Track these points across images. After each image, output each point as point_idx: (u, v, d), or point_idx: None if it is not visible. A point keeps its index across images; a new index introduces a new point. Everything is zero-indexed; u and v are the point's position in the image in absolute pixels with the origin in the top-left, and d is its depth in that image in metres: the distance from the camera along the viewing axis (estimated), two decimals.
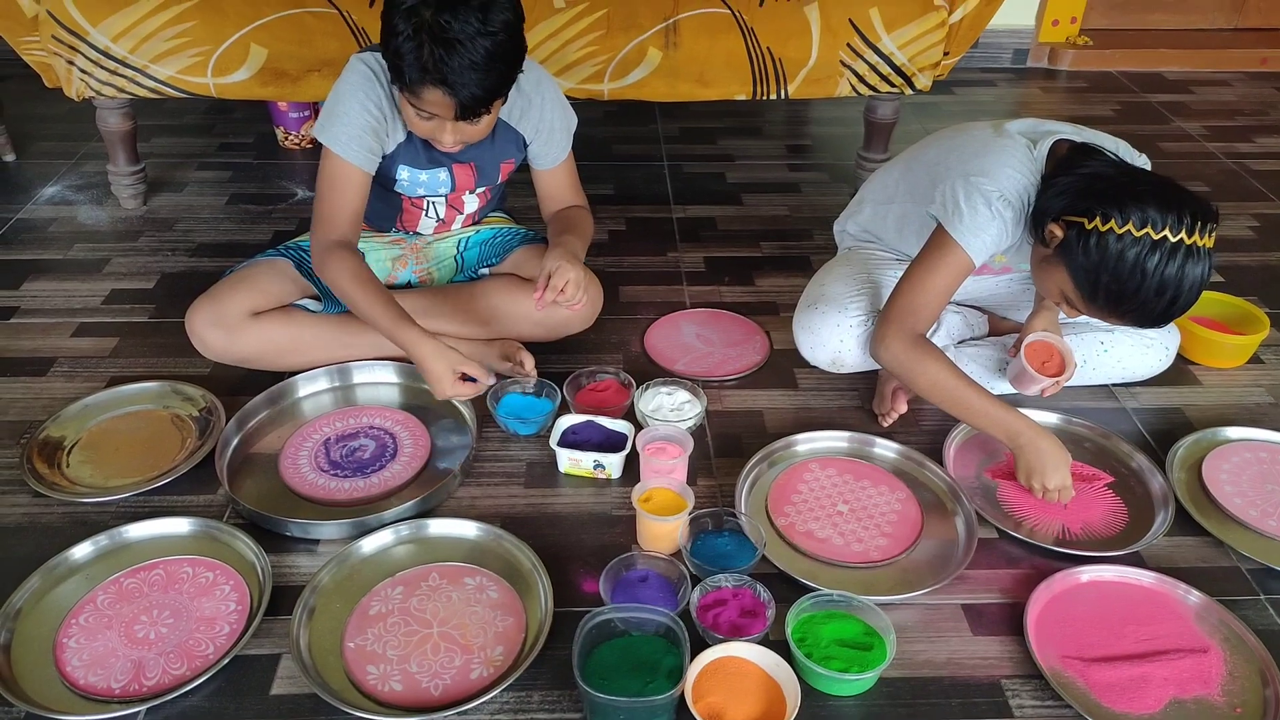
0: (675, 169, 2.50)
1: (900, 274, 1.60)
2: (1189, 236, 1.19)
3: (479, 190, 1.66)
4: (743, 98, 2.08)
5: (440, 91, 1.32)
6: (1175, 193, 1.22)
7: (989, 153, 1.40)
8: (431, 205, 1.66)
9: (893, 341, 1.43)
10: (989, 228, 1.38)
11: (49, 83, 2.03)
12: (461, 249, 1.74)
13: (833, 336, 1.59)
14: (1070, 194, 1.28)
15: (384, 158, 1.53)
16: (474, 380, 1.47)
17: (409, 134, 1.51)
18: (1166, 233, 1.19)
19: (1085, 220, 1.24)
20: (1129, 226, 1.20)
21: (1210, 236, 1.21)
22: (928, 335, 1.62)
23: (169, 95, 1.99)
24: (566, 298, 1.47)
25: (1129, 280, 1.22)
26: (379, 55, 1.41)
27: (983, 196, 1.37)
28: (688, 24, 1.97)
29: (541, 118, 1.57)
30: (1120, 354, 1.62)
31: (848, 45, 2.02)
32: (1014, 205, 1.37)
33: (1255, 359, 1.78)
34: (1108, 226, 1.21)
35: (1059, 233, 1.28)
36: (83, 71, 1.94)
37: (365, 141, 1.46)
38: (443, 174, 1.58)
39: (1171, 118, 2.91)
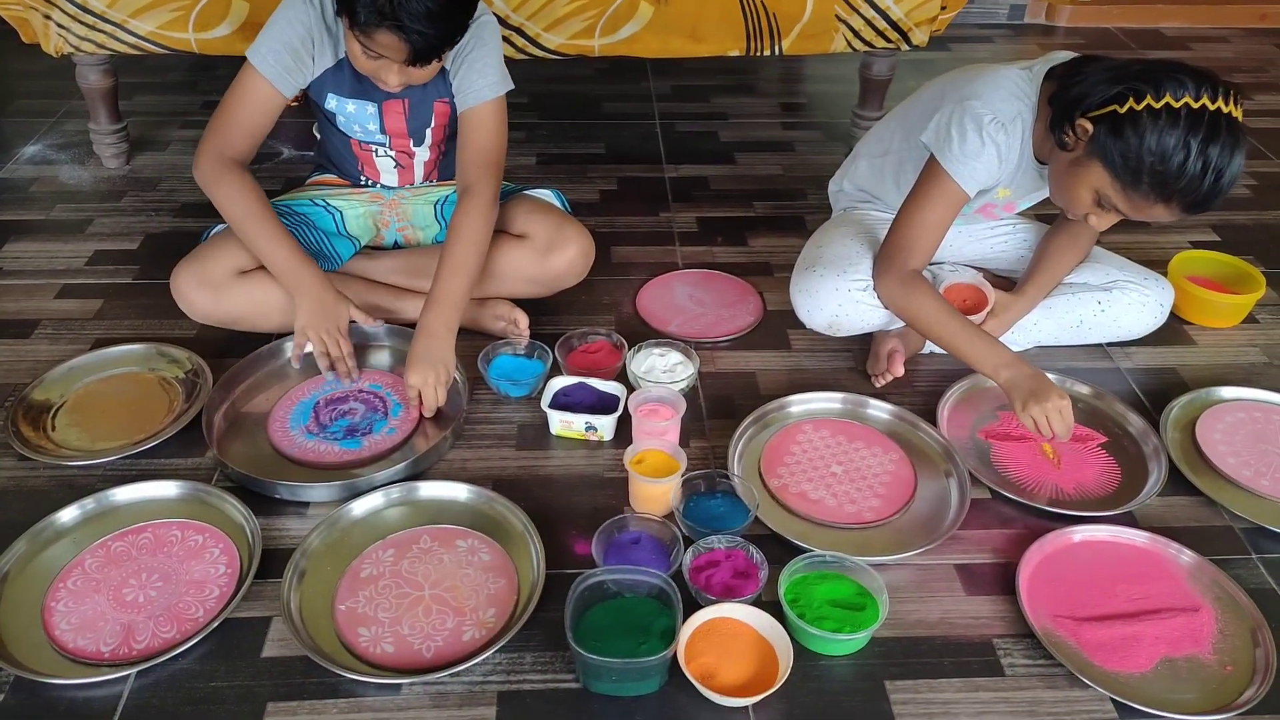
0: (667, 127, 2.46)
1: None
2: (1226, 104, 1.23)
3: (426, 141, 1.60)
4: (736, 54, 2.04)
5: (394, 35, 1.29)
6: (1198, 69, 1.26)
7: (983, 77, 1.42)
8: (381, 148, 1.62)
9: (886, 279, 1.47)
10: (980, 155, 1.39)
11: (26, 38, 1.98)
12: (441, 207, 1.70)
13: (830, 300, 1.56)
14: (1100, 83, 1.29)
15: (312, 83, 1.51)
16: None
17: (339, 62, 1.48)
18: (1205, 100, 1.21)
19: (1118, 105, 1.25)
20: (1167, 99, 1.21)
21: (1239, 107, 1.25)
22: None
23: (149, 51, 1.94)
24: (432, 406, 1.45)
25: (1174, 155, 1.22)
26: None
27: (974, 120, 1.38)
28: None
29: (463, 47, 1.47)
30: (1117, 313, 1.61)
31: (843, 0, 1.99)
32: (1008, 128, 1.38)
33: (1251, 318, 1.77)
34: (1144, 104, 1.22)
35: (1089, 126, 1.28)
36: (60, 26, 1.90)
37: (282, 58, 1.44)
38: (370, 108, 1.54)
39: None
